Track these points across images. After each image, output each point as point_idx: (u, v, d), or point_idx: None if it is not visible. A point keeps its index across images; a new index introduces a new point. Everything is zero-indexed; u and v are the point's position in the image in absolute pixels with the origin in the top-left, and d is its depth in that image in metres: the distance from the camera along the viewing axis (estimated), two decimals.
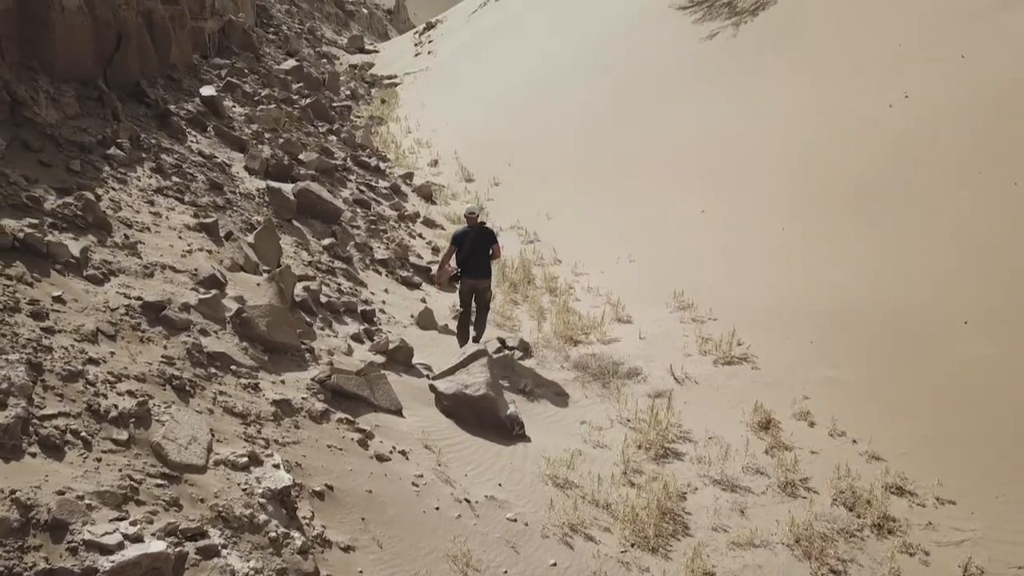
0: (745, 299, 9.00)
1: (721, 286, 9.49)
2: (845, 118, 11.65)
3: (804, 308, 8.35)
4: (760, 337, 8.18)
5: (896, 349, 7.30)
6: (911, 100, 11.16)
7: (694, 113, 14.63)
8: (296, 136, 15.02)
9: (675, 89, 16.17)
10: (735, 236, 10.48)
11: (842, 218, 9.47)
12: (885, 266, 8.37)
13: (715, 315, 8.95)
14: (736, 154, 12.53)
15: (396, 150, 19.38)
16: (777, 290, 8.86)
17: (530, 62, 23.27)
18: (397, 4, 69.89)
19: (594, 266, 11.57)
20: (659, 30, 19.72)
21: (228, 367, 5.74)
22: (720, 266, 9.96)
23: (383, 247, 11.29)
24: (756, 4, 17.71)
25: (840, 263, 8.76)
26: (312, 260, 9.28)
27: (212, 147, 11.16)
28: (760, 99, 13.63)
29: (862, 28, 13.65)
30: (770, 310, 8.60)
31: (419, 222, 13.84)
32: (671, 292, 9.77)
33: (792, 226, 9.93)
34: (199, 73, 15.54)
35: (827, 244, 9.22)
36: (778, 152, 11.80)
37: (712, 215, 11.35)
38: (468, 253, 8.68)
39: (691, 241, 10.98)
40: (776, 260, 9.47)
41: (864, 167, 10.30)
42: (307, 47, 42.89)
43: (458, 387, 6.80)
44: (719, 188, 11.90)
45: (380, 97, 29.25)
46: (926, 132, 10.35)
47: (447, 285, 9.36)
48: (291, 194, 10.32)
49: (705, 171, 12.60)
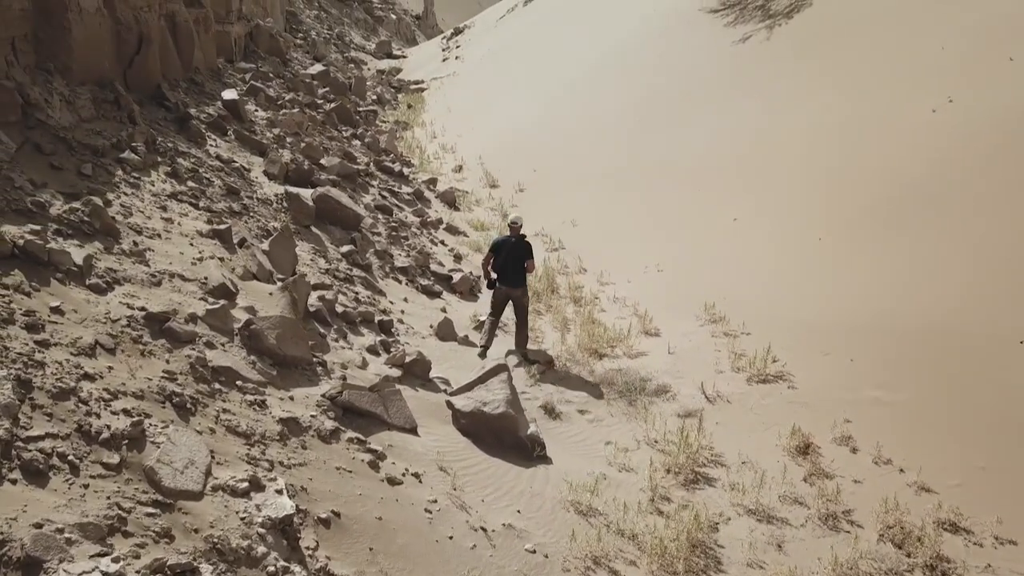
0: (780, 313, 8.55)
1: (755, 298, 9.05)
2: (885, 124, 11.14)
3: (843, 323, 7.88)
4: (797, 353, 7.73)
5: (945, 369, 6.81)
6: (955, 105, 10.63)
7: (726, 119, 14.18)
8: (319, 140, 14.82)
9: (706, 94, 15.72)
10: (769, 246, 10.03)
11: (883, 228, 8.98)
12: (931, 279, 7.86)
13: (748, 329, 8.51)
14: (770, 161, 12.06)
15: (420, 155, 19.14)
16: (814, 303, 8.39)
17: (557, 67, 22.94)
18: (425, 9, 70.00)
19: (621, 275, 11.18)
20: (690, 34, 19.27)
21: (233, 383, 5.45)
22: (753, 277, 9.51)
23: (404, 254, 11.00)
24: (791, 6, 17.20)
25: (882, 276, 8.28)
26: (330, 268, 9.01)
27: (231, 151, 10.96)
28: (795, 104, 13.15)
29: (902, 31, 13.11)
30: (807, 325, 8.14)
31: (442, 228, 13.54)
32: (701, 304, 9.34)
33: (830, 236, 9.45)
34: (223, 77, 15.42)
35: (867, 256, 8.73)
36: (814, 159, 11.32)
37: (745, 224, 10.90)
38: (504, 261, 8.84)
39: (723, 251, 10.54)
40: (813, 272, 9.00)
41: (906, 175, 9.80)
42: (335, 52, 43.10)
43: (476, 404, 6.45)
44: (752, 196, 11.44)
45: (407, 102, 29.12)
46: (971, 138, 9.82)
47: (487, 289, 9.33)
48: (310, 200, 10.07)
49: (737, 178, 12.15)
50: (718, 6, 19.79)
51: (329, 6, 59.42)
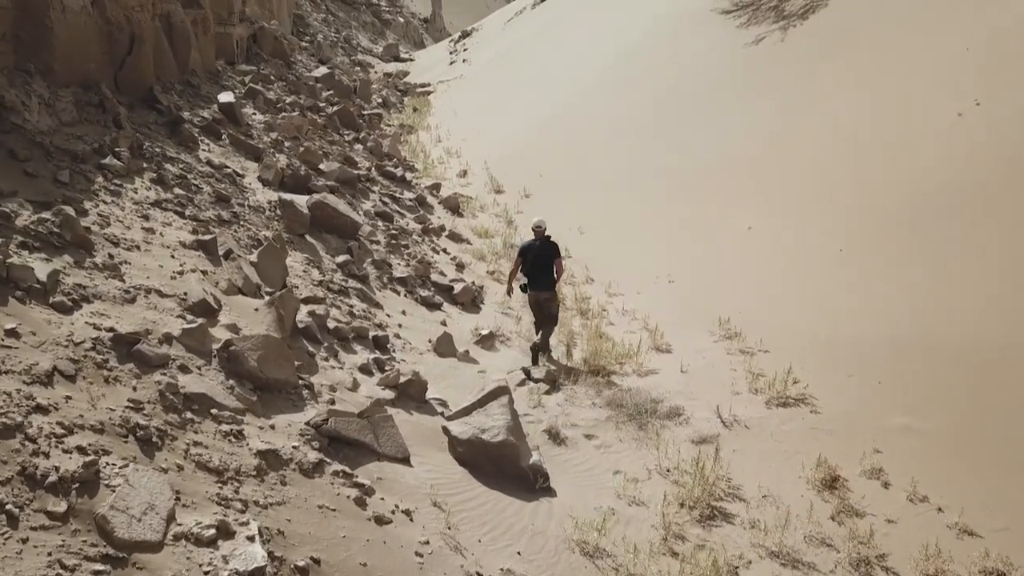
0: (800, 329, 8.04)
1: (772, 313, 8.55)
2: (907, 128, 10.63)
3: (869, 341, 7.36)
4: (819, 374, 7.22)
5: (981, 392, 6.30)
6: (982, 108, 10.11)
7: (739, 122, 13.68)
8: (319, 145, 14.40)
9: (719, 97, 15.22)
10: (787, 257, 9.53)
11: (908, 238, 8.47)
12: (962, 293, 7.34)
13: (766, 346, 8.01)
14: (785, 166, 11.56)
15: (424, 160, 18.70)
16: (837, 319, 7.88)
17: (566, 70, 22.48)
18: (433, 13, 69.68)
19: (630, 286, 10.69)
20: (701, 35, 18.78)
21: (208, 411, 4.99)
22: (770, 290, 9.01)
23: (403, 264, 10.54)
24: (805, 7, 16.70)
25: (908, 289, 7.76)
26: (323, 279, 8.55)
27: (224, 156, 10.53)
28: (812, 107, 12.64)
29: (923, 32, 12.59)
30: (830, 342, 7.63)
31: (444, 236, 13.08)
32: (715, 318, 8.84)
33: (851, 247, 8.94)
34: (221, 79, 15.02)
35: (892, 267, 8.22)
36: (832, 165, 10.81)
37: (760, 233, 10.40)
38: (531, 265, 8.82)
39: (737, 261, 10.04)
40: (834, 285, 8.49)
41: (931, 181, 9.28)
42: (342, 55, 42.81)
43: (474, 431, 5.98)
44: (767, 203, 10.94)
45: (412, 105, 28.71)
46: (999, 142, 9.30)
47: (514, 293, 9.44)
48: (305, 207, 9.62)
49: (751, 184, 11.65)
50: (731, 7, 19.31)
51: (337, 9, 59.21)
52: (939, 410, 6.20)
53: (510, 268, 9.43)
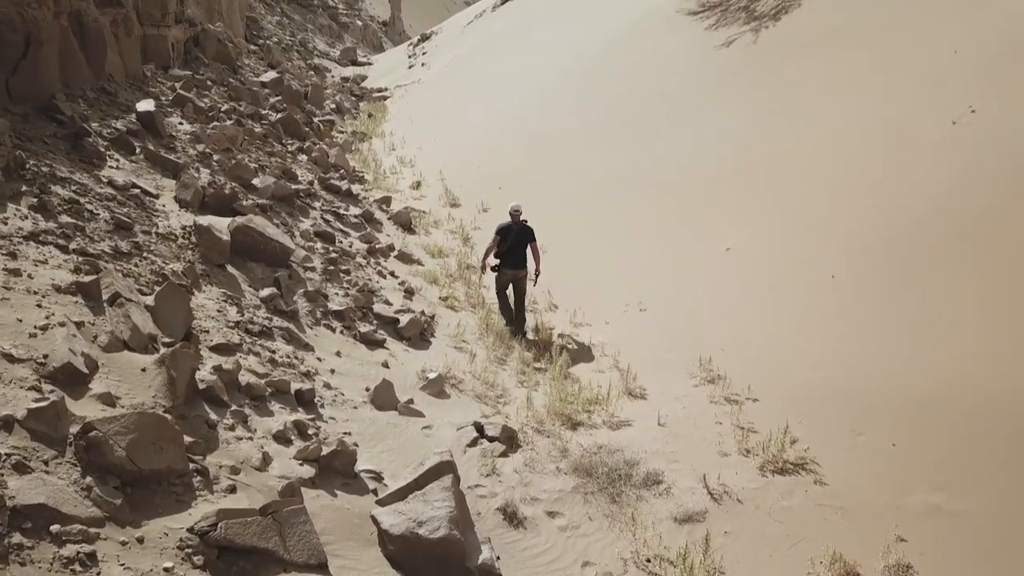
0: (793, 372, 7.02)
1: (759, 352, 7.52)
2: (897, 137, 9.72)
3: (879, 391, 6.34)
4: (821, 432, 6.18)
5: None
6: (978, 116, 9.24)
7: (713, 131, 12.70)
8: (255, 157, 13.11)
9: (689, 103, 14.25)
10: (771, 284, 8.53)
11: (914, 264, 7.49)
12: (999, 333, 6.33)
13: (755, 393, 6.97)
14: (764, 180, 10.59)
15: (376, 170, 17.46)
16: (836, 363, 6.87)
17: (526, 75, 21.41)
18: (392, 16, 68.24)
19: (597, 315, 9.63)
20: (669, 38, 17.85)
21: (46, 528, 3.76)
22: (756, 324, 7.99)
23: (342, 294, 9.33)
24: (777, 7, 15.84)
25: (919, 327, 6.77)
26: (242, 320, 7.31)
27: (136, 174, 9.23)
28: (791, 114, 11.71)
29: (907, 33, 11.74)
30: (829, 391, 6.61)
31: (392, 257, 11.87)
32: (695, 357, 7.80)
33: (846, 272, 7.96)
34: (148, 85, 13.65)
35: (900, 298, 7.23)
36: (817, 177, 9.86)
37: (740, 254, 9.40)
38: (511, 246, 9.74)
39: (716, 287, 9.03)
40: (829, 318, 7.49)
41: (929, 195, 8.36)
42: (298, 59, 41.34)
43: (409, 524, 4.82)
44: (746, 221, 9.96)
45: (367, 111, 27.43)
46: (999, 153, 8.42)
47: (487, 272, 10.34)
48: (225, 232, 8.37)
49: (728, 199, 10.65)
50: (697, 8, 18.41)
51: (292, 12, 57.56)
52: (977, 487, 5.15)
53: (487, 246, 10.07)
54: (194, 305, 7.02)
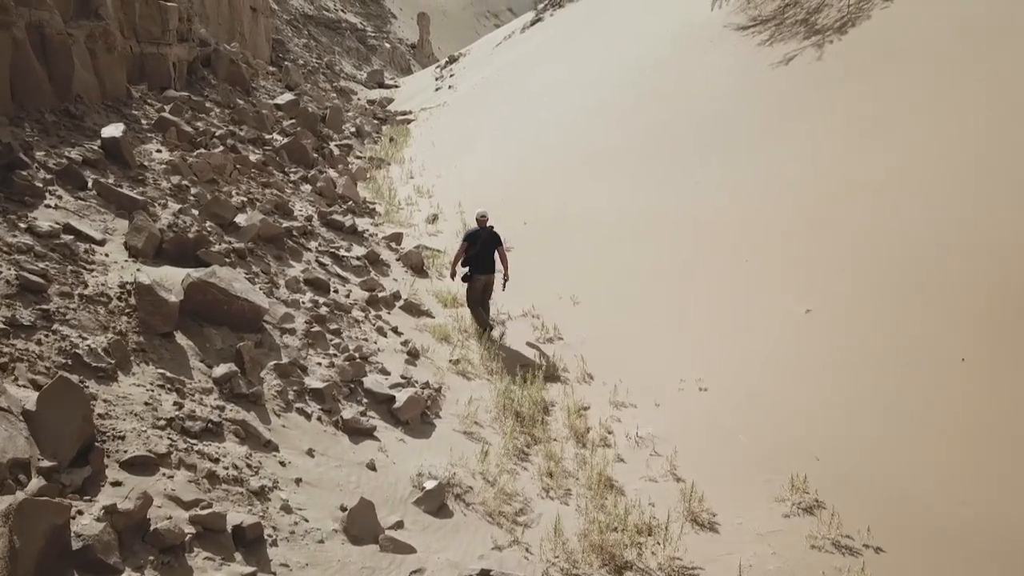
0: (931, 507, 5.04)
1: (872, 468, 5.55)
2: (1011, 169, 7.74)
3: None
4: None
5: None
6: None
7: (773, 162, 10.79)
8: (244, 188, 11.46)
9: (743, 129, 12.36)
10: (873, 361, 6.56)
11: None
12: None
13: (878, 538, 4.98)
14: (848, 222, 8.64)
15: (389, 201, 15.78)
16: (987, 485, 4.89)
17: (556, 98, 19.69)
18: (421, 38, 67.40)
19: (644, 392, 7.71)
20: (714, 56, 16.01)
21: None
22: (860, 420, 6.02)
23: (326, 363, 7.53)
24: (842, 18, 13.94)
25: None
26: (178, 415, 5.52)
27: (79, 214, 7.58)
28: (873, 144, 9.76)
29: (1012, 44, 9.76)
30: (997, 546, 4.62)
31: (397, 307, 10.09)
32: (780, 468, 5.85)
33: (974, 351, 5.98)
34: (129, 107, 12.11)
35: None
36: (925, 223, 7.89)
37: (825, 319, 7.45)
38: (479, 251, 9.79)
39: (798, 363, 7.08)
40: (974, 425, 5.51)
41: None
42: (323, 81, 40.39)
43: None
44: (828, 274, 8.01)
45: (389, 135, 25.95)
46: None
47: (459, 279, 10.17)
48: (172, 292, 6.64)
49: (803, 246, 8.72)
50: (748, 22, 16.57)
51: (320, 35, 57.10)
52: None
53: (456, 253, 10.14)
54: (112, 397, 5.27)
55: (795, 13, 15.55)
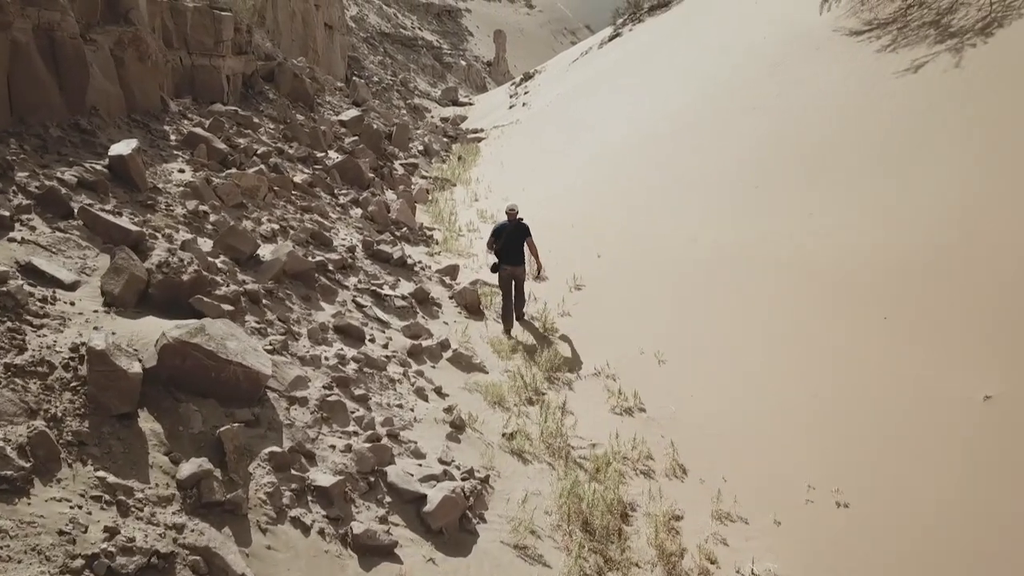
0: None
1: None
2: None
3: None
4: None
5: None
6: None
7: (908, 193, 8.68)
8: (279, 215, 10.03)
9: (862, 151, 10.26)
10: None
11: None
12: None
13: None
14: (995, 268, 6.51)
15: (449, 227, 14.22)
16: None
17: (636, 116, 17.84)
18: (496, 56, 66.50)
19: (758, 499, 5.77)
20: (821, 64, 13.91)
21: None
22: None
23: (342, 444, 5.88)
24: (985, 19, 11.68)
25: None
26: (107, 547, 3.92)
27: (49, 249, 6.19)
28: None
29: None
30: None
31: (444, 359, 8.40)
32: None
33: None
34: (159, 122, 10.90)
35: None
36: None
37: (1011, 407, 5.37)
38: (505, 244, 9.85)
39: (974, 475, 5.03)
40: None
41: None
42: (397, 99, 39.76)
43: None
44: (1011, 347, 5.91)
45: (458, 154, 24.61)
46: None
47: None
48: (148, 354, 5.11)
49: (965, 307, 6.61)
50: (862, 26, 14.40)
51: (395, 52, 56.83)
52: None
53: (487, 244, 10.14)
54: (11, 524, 3.71)
55: (921, 15, 13.31)
